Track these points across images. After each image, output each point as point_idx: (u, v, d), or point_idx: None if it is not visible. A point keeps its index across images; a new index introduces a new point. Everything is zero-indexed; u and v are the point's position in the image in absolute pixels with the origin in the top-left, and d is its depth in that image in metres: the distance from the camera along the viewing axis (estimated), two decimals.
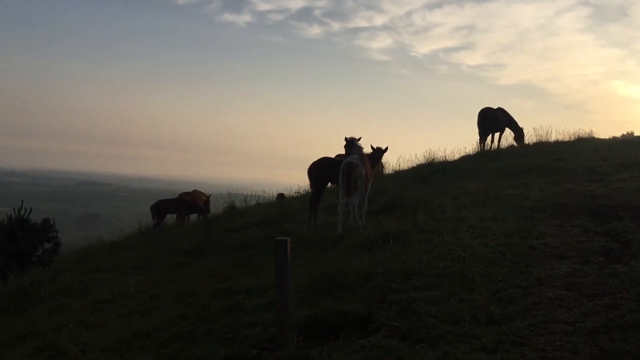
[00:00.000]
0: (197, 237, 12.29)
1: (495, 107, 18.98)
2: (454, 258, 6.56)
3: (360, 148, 10.20)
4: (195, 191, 18.71)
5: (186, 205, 16.50)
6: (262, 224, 12.17)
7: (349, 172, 9.12)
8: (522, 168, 12.93)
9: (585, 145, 16.23)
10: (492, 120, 18.58)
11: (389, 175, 16.86)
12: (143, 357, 5.70)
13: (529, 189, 10.39)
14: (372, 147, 10.49)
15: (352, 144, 10.24)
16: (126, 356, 5.86)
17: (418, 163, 18.92)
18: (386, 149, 10.54)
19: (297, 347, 4.96)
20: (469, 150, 18.64)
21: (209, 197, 17.77)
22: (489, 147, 18.75)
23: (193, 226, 14.70)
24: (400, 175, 16.34)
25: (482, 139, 18.76)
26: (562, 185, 10.35)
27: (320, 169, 10.68)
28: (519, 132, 18.58)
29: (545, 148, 15.99)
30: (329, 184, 11.36)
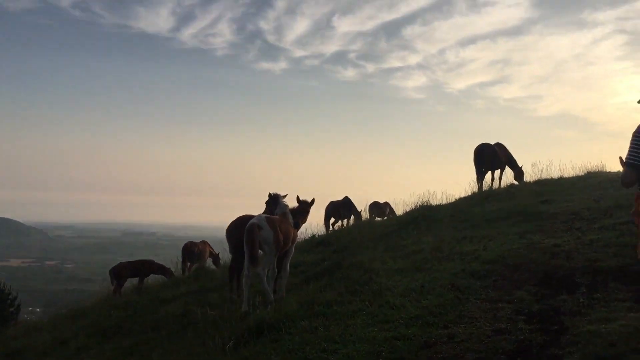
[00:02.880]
0: (127, 309, 10.87)
1: (492, 143, 17.23)
2: None
3: (285, 205, 8.67)
4: (203, 242, 17.78)
5: (149, 267, 15.18)
6: (197, 293, 10.69)
7: (251, 236, 7.55)
8: (502, 213, 11.11)
9: (591, 182, 14.18)
10: (490, 157, 16.81)
11: (365, 226, 15.19)
12: None
13: (489, 243, 8.60)
14: (298, 200, 8.92)
15: (275, 200, 8.74)
16: None
17: (412, 207, 17.35)
18: (312, 201, 8.94)
19: None
20: (469, 190, 16.90)
21: (217, 254, 16.92)
22: (490, 185, 16.96)
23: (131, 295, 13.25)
24: (379, 224, 14.65)
25: (479, 177, 16.97)
26: (529, 238, 8.51)
27: (241, 230, 9.15)
28: (518, 170, 16.74)
29: (541, 187, 14.03)
30: None
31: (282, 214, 8.41)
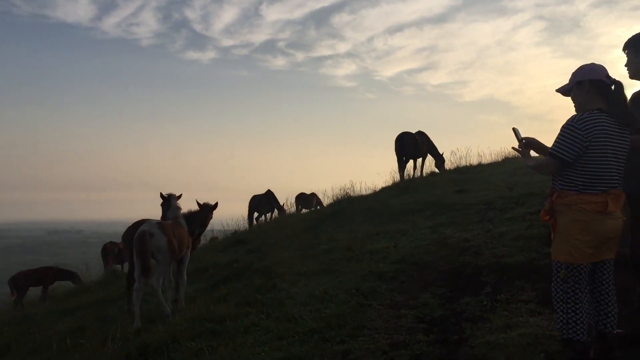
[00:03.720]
0: (23, 324, 9.89)
1: (414, 132, 17.08)
2: None
3: (178, 208, 8.00)
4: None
5: (53, 275, 14.11)
6: (100, 303, 9.85)
7: (142, 244, 6.86)
8: (418, 205, 10.88)
9: (506, 168, 14.25)
10: (410, 146, 16.65)
11: (288, 220, 14.71)
12: None
13: (401, 240, 8.29)
14: (198, 204, 8.27)
15: (168, 202, 8.05)
16: None
17: (335, 199, 17.03)
18: (215, 205, 8.31)
19: None
20: (390, 180, 16.72)
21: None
22: (411, 175, 16.83)
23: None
24: (300, 219, 14.19)
25: (400, 167, 16.79)
26: (441, 232, 8.25)
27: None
28: (439, 158, 16.70)
29: (458, 175, 13.96)
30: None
31: (174, 219, 7.75)
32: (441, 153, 16.71)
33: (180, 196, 8.17)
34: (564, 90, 3.82)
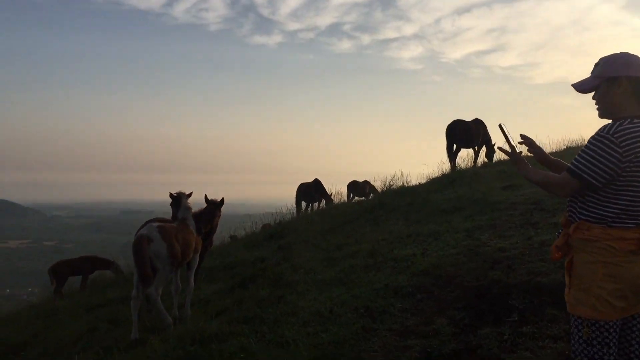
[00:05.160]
0: (49, 318, 9.79)
1: (469, 120, 15.99)
2: None
3: (188, 208, 7.51)
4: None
5: (92, 264, 14.09)
6: (119, 301, 9.59)
7: (140, 251, 6.39)
8: (459, 202, 9.98)
9: (568, 160, 12.98)
10: (462, 134, 15.57)
11: (330, 212, 14.06)
12: None
13: (432, 245, 7.48)
14: (206, 200, 7.74)
15: (178, 202, 7.57)
16: None
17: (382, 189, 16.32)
18: (222, 201, 7.74)
19: None
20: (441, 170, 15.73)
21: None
22: (460, 165, 15.79)
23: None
24: (340, 212, 13.50)
25: (450, 157, 15.78)
26: (476, 237, 7.37)
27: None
28: (491, 149, 15.58)
29: (511, 167, 12.81)
30: None
31: (181, 220, 7.26)
32: (493, 143, 15.58)
33: (190, 195, 7.68)
34: (584, 87, 2.90)
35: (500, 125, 3.02)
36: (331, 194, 18.94)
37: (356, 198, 20.48)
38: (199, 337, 5.20)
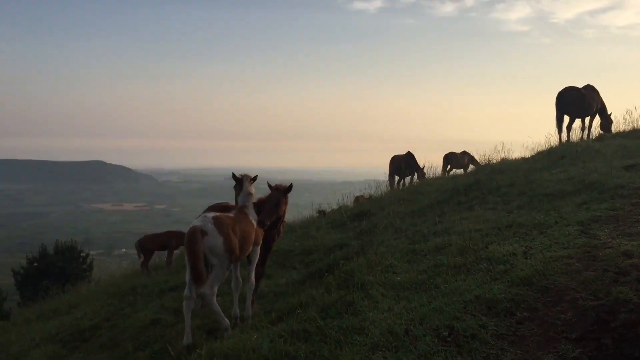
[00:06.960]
0: (127, 297, 9.57)
1: (581, 87, 14.03)
2: None
3: (249, 194, 6.71)
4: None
5: (177, 240, 13.91)
6: None
7: (193, 245, 5.68)
8: (570, 184, 8.50)
9: None
10: (574, 103, 13.68)
11: (421, 189, 12.85)
12: None
13: (535, 242, 6.20)
14: (269, 186, 6.88)
15: (240, 185, 6.80)
16: None
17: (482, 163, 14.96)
18: (290, 187, 6.82)
19: None
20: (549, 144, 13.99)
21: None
22: (580, 136, 13.96)
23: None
24: (433, 189, 12.28)
25: (559, 128, 13.97)
26: (592, 234, 6.01)
27: None
28: (607, 119, 13.57)
29: (632, 141, 10.95)
30: None
31: (240, 208, 6.48)
32: (609, 113, 13.55)
33: (255, 178, 6.89)
34: None
35: None
36: (424, 167, 17.67)
37: (454, 170, 19.16)
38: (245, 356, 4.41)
